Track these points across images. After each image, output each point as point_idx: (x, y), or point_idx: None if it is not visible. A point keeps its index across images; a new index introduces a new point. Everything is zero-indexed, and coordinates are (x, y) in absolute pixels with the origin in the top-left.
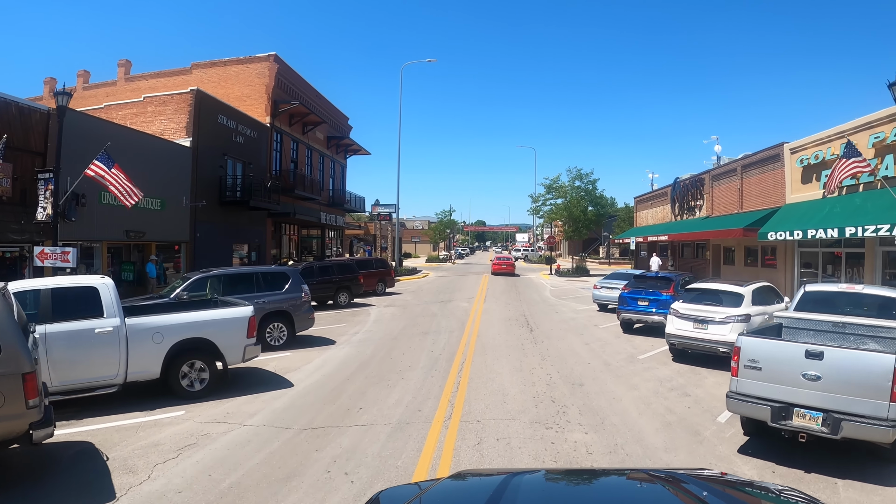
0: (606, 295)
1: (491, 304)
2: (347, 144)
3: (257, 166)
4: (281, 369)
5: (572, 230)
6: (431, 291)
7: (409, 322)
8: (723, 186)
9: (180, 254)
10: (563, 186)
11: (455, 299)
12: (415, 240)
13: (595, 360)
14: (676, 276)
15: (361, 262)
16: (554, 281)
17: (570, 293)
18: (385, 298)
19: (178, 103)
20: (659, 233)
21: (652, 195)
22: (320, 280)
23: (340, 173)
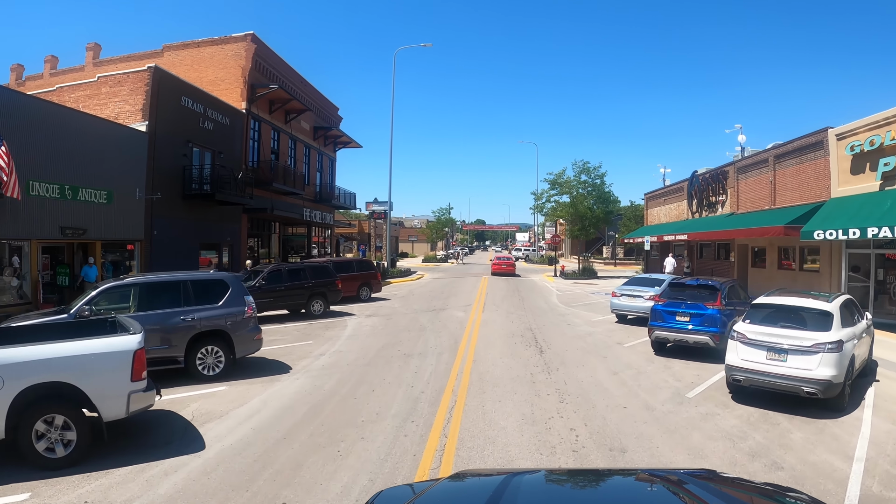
0: (628, 304)
1: (491, 313)
2: (336, 136)
3: (230, 156)
4: (201, 415)
5: (578, 229)
6: (424, 297)
7: (390, 339)
8: (750, 180)
9: (134, 255)
10: (568, 182)
11: (449, 307)
12: (412, 239)
13: (632, 400)
14: (722, 285)
15: (341, 265)
16: (560, 284)
17: (579, 299)
18: (369, 306)
19: (134, 83)
20: (675, 231)
21: (665, 191)
22: (290, 286)
23: (329, 167)
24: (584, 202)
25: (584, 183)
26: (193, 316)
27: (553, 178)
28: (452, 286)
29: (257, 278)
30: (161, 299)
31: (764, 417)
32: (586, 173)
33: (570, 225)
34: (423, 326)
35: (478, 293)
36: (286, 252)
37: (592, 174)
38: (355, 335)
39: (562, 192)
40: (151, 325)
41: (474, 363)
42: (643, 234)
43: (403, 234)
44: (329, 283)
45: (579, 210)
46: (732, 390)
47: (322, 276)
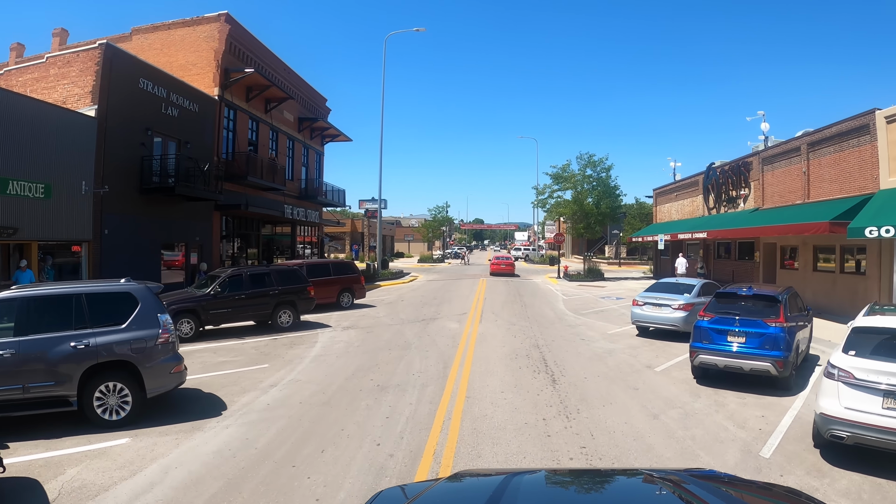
0: (653, 315)
1: (489, 324)
2: (323, 128)
3: (200, 147)
4: (69, 493)
5: (583, 227)
6: (414, 302)
7: (365, 361)
8: (778, 171)
9: (81, 257)
10: (572, 176)
11: (442, 315)
12: (408, 238)
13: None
14: (781, 294)
15: (316, 268)
16: (564, 287)
17: (588, 305)
18: (349, 315)
19: (84, 63)
20: (690, 229)
21: (676, 186)
22: (252, 293)
23: (316, 162)
24: (589, 198)
25: (590, 177)
26: (89, 342)
27: (556, 171)
28: (447, 290)
29: (213, 285)
30: (46, 319)
31: (877, 488)
32: (592, 167)
33: (575, 223)
34: (408, 343)
35: (475, 298)
36: (270, 252)
37: (598, 168)
38: (323, 355)
39: (565, 187)
40: (33, 353)
41: (467, 401)
42: (654, 232)
43: (399, 233)
44: (299, 290)
45: (584, 206)
46: (824, 446)
47: (291, 282)
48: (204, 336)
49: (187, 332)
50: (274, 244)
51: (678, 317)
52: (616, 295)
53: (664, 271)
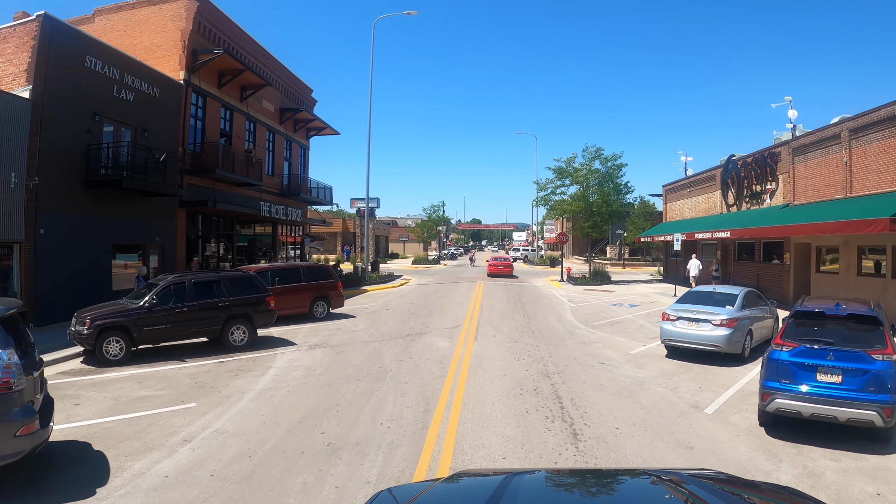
0: (689, 333)
1: (487, 341)
2: (307, 120)
3: (161, 136)
4: None
5: (589, 226)
6: (401, 312)
7: (321, 400)
8: (813, 162)
9: (11, 261)
10: (578, 171)
11: (430, 329)
12: (403, 239)
13: None
14: (878, 312)
15: (285, 273)
16: (569, 291)
17: (600, 314)
18: (321, 328)
19: (20, 37)
20: (710, 228)
21: (689, 181)
22: (198, 306)
23: (300, 156)
24: (596, 194)
25: (596, 172)
26: None
27: (561, 165)
28: (440, 296)
29: (148, 296)
30: None
31: None
32: (600, 161)
33: (581, 221)
34: (384, 370)
35: (470, 306)
36: (252, 254)
37: (608, 163)
38: (272, 389)
39: (575, 179)
40: None
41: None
42: (665, 231)
43: (394, 233)
44: (255, 301)
45: (591, 203)
46: None
47: (245, 291)
48: (138, 358)
49: (116, 354)
50: (256, 245)
51: (721, 335)
52: (628, 301)
53: (675, 274)
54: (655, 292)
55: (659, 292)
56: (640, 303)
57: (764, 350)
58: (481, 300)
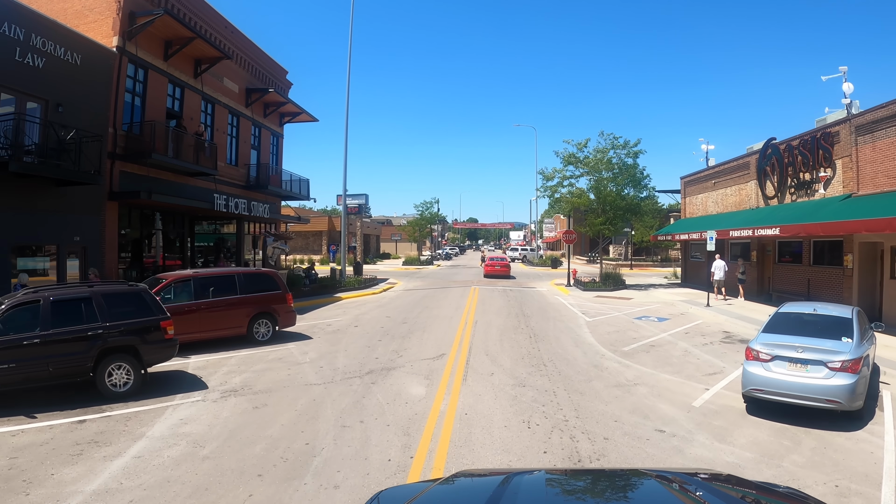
0: (792, 381)
1: (480, 385)
2: (279, 103)
3: (84, 112)
4: None
5: (602, 222)
6: (372, 331)
7: None
8: (885, 142)
9: None
10: (592, 159)
11: (403, 362)
12: (395, 238)
13: None
14: None
15: (212, 282)
16: (580, 299)
17: (627, 332)
18: (256, 358)
19: None
20: (744, 224)
21: (714, 171)
22: (53, 336)
23: (272, 145)
24: (611, 185)
25: (609, 162)
26: None
27: (572, 150)
28: (426, 305)
29: None
30: None
31: None
32: (617, 149)
33: (593, 217)
34: (310, 450)
35: (461, 322)
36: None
37: (626, 149)
38: (113, 493)
39: (593, 168)
40: None
41: None
42: (688, 228)
43: (386, 232)
44: (144, 327)
45: (605, 197)
46: None
47: (130, 313)
48: None
49: None
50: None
51: (841, 386)
52: (653, 312)
53: (695, 276)
54: (681, 300)
55: (685, 300)
56: (669, 315)
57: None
58: (475, 312)
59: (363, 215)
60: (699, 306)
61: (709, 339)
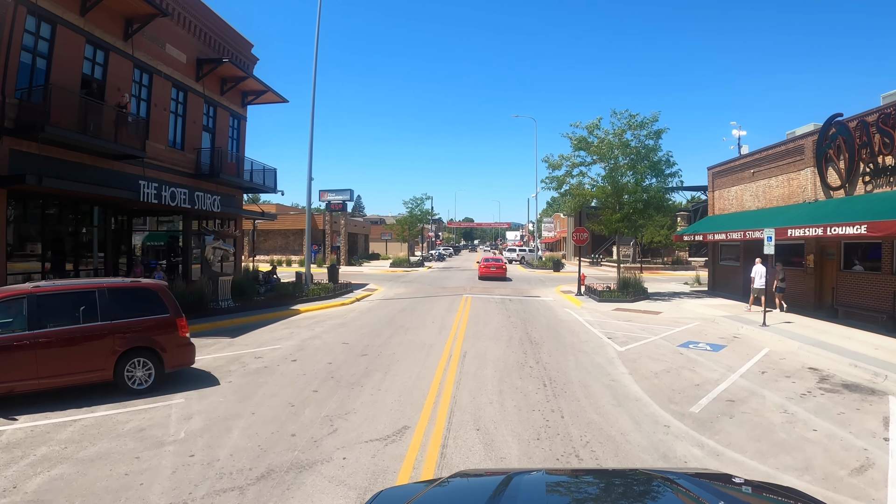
0: None
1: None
2: (238, 77)
3: None
4: None
5: (619, 219)
6: (311, 370)
7: None
8: None
9: None
10: (605, 142)
11: (333, 447)
12: (385, 238)
13: None
14: None
15: (59, 300)
16: (598, 314)
17: (684, 376)
18: (109, 426)
19: None
20: (801, 222)
21: (753, 159)
22: None
23: (232, 128)
24: (629, 174)
25: (626, 146)
26: None
27: (581, 133)
28: (401, 324)
29: None
30: None
31: None
32: (636, 129)
33: (609, 213)
34: None
35: (442, 358)
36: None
37: (645, 129)
38: None
39: (602, 157)
40: None
41: None
42: (720, 227)
43: (376, 231)
44: None
45: (622, 188)
46: None
47: None
48: None
49: None
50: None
51: None
52: (700, 337)
53: (725, 283)
54: (722, 315)
55: (726, 314)
56: (721, 339)
57: None
58: (465, 335)
59: (348, 212)
60: (751, 325)
61: (800, 383)
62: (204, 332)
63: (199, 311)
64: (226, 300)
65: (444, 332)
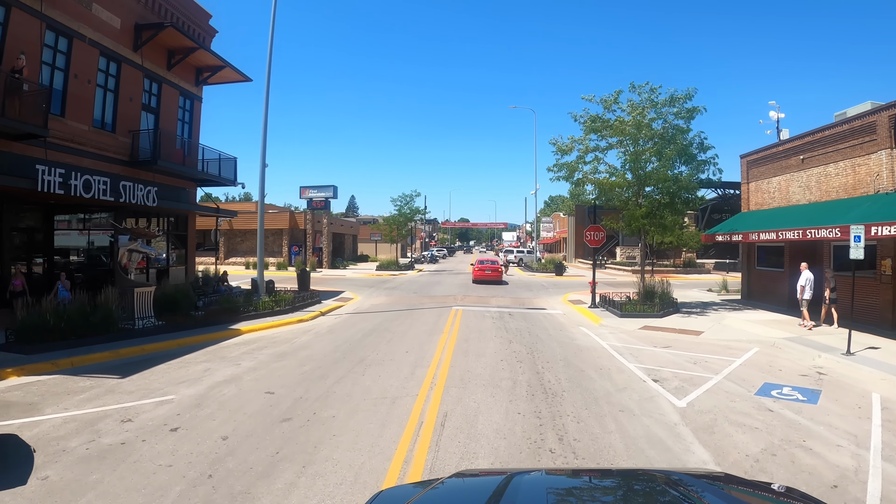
0: None
1: None
2: (187, 49)
3: None
4: None
5: (644, 214)
6: (196, 452)
7: None
8: None
9: None
10: (628, 121)
11: None
12: (375, 238)
13: None
14: None
15: None
16: (624, 336)
17: (794, 456)
18: None
19: None
20: (882, 218)
21: (805, 143)
22: None
23: (184, 109)
24: (652, 161)
25: (650, 126)
26: None
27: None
28: (361, 359)
29: None
30: None
31: None
32: (664, 106)
33: (632, 207)
34: None
35: (411, 422)
36: (96, 265)
37: (675, 108)
38: None
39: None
40: None
41: None
42: (769, 225)
43: (364, 232)
44: None
45: (646, 177)
46: None
47: None
48: None
49: None
50: (115, 249)
51: None
52: (776, 375)
53: (764, 291)
54: (782, 336)
55: (784, 334)
56: (803, 376)
57: None
58: (447, 383)
59: (327, 211)
60: (829, 352)
61: None
62: (92, 365)
63: (103, 335)
64: (145, 318)
65: (419, 370)
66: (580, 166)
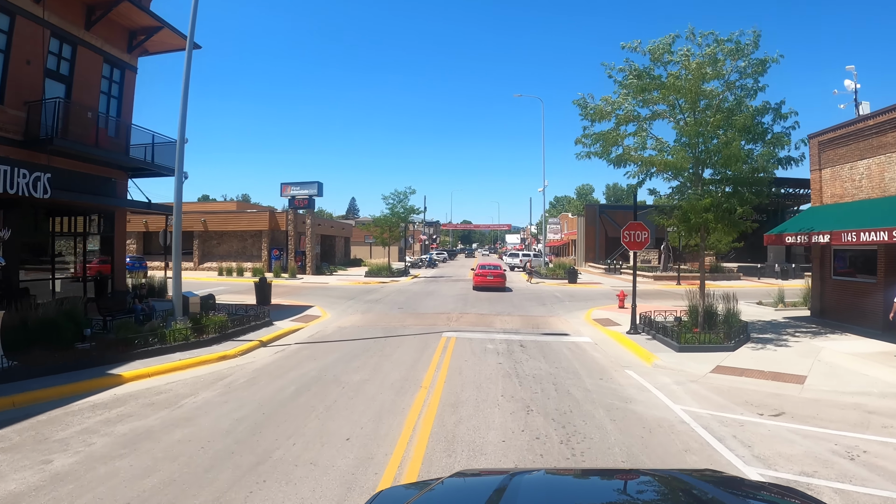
0: None
1: None
2: (109, 3)
3: None
4: None
5: (709, 205)
6: None
7: None
8: None
9: None
10: (691, 79)
11: None
12: (369, 241)
13: None
14: None
15: None
16: (697, 392)
17: None
18: None
19: None
20: None
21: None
22: None
23: (108, 80)
24: (721, 129)
25: (709, 89)
26: None
27: (643, 65)
28: (266, 456)
29: None
30: None
31: None
32: (728, 56)
33: (693, 197)
34: None
35: None
36: None
37: (743, 61)
38: None
39: (689, 101)
40: None
41: None
42: (854, 223)
43: (357, 234)
44: None
45: (713, 152)
46: None
47: None
48: None
49: None
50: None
51: None
52: None
53: (848, 308)
54: None
55: None
56: None
57: None
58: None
59: (312, 209)
60: None
61: None
62: None
63: None
64: None
65: (352, 496)
66: (620, 140)
